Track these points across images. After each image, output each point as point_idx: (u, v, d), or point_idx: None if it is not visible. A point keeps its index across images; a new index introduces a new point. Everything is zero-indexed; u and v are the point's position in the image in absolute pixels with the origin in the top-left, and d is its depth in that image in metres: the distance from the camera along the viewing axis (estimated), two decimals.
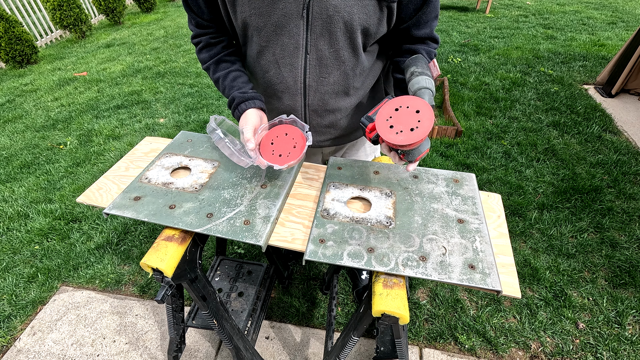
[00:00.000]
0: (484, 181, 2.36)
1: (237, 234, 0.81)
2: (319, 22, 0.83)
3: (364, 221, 0.85)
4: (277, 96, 0.98)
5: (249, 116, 0.90)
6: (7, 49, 4.22)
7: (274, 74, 0.94)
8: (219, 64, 0.98)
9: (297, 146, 0.88)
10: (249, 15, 0.84)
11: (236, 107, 0.93)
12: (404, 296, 0.72)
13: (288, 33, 0.85)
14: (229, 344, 1.14)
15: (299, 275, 1.84)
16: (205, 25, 0.96)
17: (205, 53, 0.99)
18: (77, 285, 1.81)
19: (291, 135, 0.90)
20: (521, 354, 1.50)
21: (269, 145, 0.90)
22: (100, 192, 0.97)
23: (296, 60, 0.89)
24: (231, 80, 0.96)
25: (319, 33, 0.85)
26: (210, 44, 0.98)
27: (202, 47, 0.99)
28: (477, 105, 3.21)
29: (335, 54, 0.88)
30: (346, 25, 0.83)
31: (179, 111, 3.33)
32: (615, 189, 2.26)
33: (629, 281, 1.74)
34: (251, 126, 0.88)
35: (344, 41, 0.86)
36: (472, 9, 5.98)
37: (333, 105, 0.98)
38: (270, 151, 0.90)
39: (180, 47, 4.84)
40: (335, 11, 0.81)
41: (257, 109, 0.92)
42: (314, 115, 0.99)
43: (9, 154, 2.84)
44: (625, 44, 3.16)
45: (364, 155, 1.25)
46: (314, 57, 0.89)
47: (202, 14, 0.92)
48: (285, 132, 0.90)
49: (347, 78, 0.94)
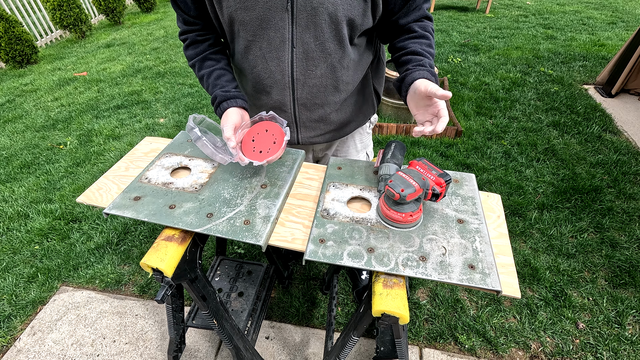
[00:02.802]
0: (484, 181, 2.36)
1: (237, 234, 0.81)
2: (303, 15, 0.83)
3: (364, 221, 0.85)
4: (266, 91, 0.99)
5: (229, 115, 0.91)
6: (7, 49, 4.22)
7: (261, 68, 0.94)
8: (204, 61, 0.99)
9: (277, 142, 0.89)
10: (235, 9, 0.85)
11: (218, 106, 0.94)
12: (404, 296, 0.72)
13: (274, 27, 0.86)
14: (229, 344, 1.14)
15: (299, 275, 1.84)
16: (191, 22, 0.96)
17: (191, 50, 0.99)
18: (77, 285, 1.81)
19: (271, 132, 0.91)
20: (521, 354, 1.50)
21: (250, 142, 0.91)
22: (100, 192, 0.97)
23: (283, 54, 0.90)
24: (215, 78, 0.96)
25: (304, 26, 0.85)
26: (196, 41, 0.98)
27: (188, 44, 0.99)
28: (477, 105, 3.21)
29: (321, 47, 0.89)
30: (331, 17, 0.84)
31: (179, 111, 3.33)
32: (615, 189, 2.26)
33: (629, 281, 1.74)
34: (231, 124, 0.88)
35: (329, 33, 0.87)
36: (472, 9, 5.98)
37: (322, 99, 0.98)
38: (252, 148, 0.91)
39: (180, 47, 4.84)
40: (320, 3, 0.81)
41: (239, 108, 0.93)
42: (303, 109, 1.00)
43: (9, 154, 2.84)
44: (625, 44, 3.16)
45: (354, 151, 1.25)
46: (300, 51, 0.89)
47: (188, 10, 0.93)
48: (265, 128, 0.91)
49: (335, 71, 0.94)
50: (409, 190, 0.76)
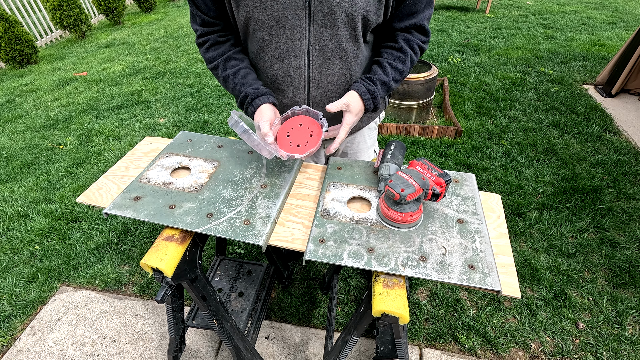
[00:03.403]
0: (484, 181, 2.36)
1: (237, 234, 0.81)
2: (321, 13, 0.84)
3: (364, 221, 0.85)
4: (280, 90, 0.99)
5: (264, 111, 0.91)
6: (7, 49, 4.22)
7: (277, 67, 0.94)
8: (228, 61, 0.98)
9: (314, 134, 0.90)
10: (252, 8, 0.85)
11: (250, 103, 0.94)
12: (404, 296, 0.72)
13: (291, 25, 0.86)
14: (229, 344, 1.14)
15: (299, 275, 1.84)
16: (211, 23, 0.96)
17: (212, 52, 0.99)
18: (77, 285, 1.81)
19: (306, 125, 0.92)
20: (521, 354, 1.50)
21: (286, 137, 0.92)
22: (100, 192, 0.97)
23: (299, 52, 0.90)
24: (242, 77, 0.96)
25: (321, 24, 0.86)
26: (218, 42, 0.98)
27: (209, 45, 0.98)
28: (477, 105, 3.21)
29: (337, 45, 0.90)
30: (347, 15, 0.85)
31: (179, 111, 3.33)
32: (615, 189, 2.26)
33: (629, 281, 1.74)
34: (267, 120, 0.89)
35: (345, 31, 0.88)
36: (472, 9, 5.98)
37: (336, 97, 0.98)
38: (288, 143, 0.91)
39: (180, 47, 4.84)
40: (337, 2, 0.82)
41: (271, 104, 0.94)
42: (317, 107, 1.01)
43: (9, 154, 2.84)
44: (625, 44, 3.16)
45: (364, 147, 1.25)
46: (316, 49, 0.90)
47: (208, 11, 0.93)
48: (299, 122, 0.92)
49: (350, 68, 0.95)
50: (409, 190, 0.76)
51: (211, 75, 3.99)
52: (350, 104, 0.91)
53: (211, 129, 3.05)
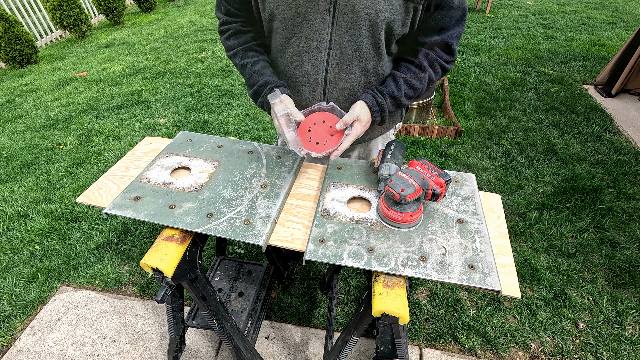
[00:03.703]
0: (484, 181, 2.36)
1: (237, 234, 0.81)
2: (344, 18, 0.84)
3: (364, 221, 0.85)
4: (296, 89, 0.99)
5: (287, 100, 0.92)
6: (7, 49, 4.22)
7: (296, 67, 0.95)
8: (247, 51, 1.00)
9: (335, 134, 0.89)
10: (277, 5, 0.86)
11: (270, 90, 0.93)
12: (404, 296, 0.72)
13: (313, 27, 0.87)
14: (229, 344, 1.14)
15: (299, 275, 1.84)
16: (235, 14, 0.97)
17: (233, 40, 1.00)
18: (77, 285, 1.81)
19: (328, 123, 0.90)
20: (521, 354, 1.50)
21: (307, 132, 0.91)
22: (100, 192, 0.97)
23: (319, 54, 0.91)
24: (261, 67, 0.97)
25: (344, 28, 0.86)
26: (240, 31, 1.00)
27: (231, 34, 1.00)
28: (477, 105, 3.21)
29: (357, 51, 0.90)
30: (371, 22, 0.84)
31: (179, 111, 3.33)
32: (615, 189, 2.26)
33: (629, 281, 1.74)
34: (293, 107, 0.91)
35: (367, 38, 0.88)
36: (472, 9, 5.97)
37: (352, 102, 0.98)
38: (307, 138, 0.90)
39: (180, 47, 4.84)
40: (362, 8, 0.82)
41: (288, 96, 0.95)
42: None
43: (9, 154, 2.84)
44: (625, 44, 3.16)
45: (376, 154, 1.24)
46: (337, 53, 0.90)
47: (233, 2, 0.94)
48: (322, 119, 0.91)
49: (368, 76, 0.95)
50: (409, 190, 0.76)
51: (211, 76, 3.99)
52: (360, 115, 0.91)
53: (211, 129, 3.05)
